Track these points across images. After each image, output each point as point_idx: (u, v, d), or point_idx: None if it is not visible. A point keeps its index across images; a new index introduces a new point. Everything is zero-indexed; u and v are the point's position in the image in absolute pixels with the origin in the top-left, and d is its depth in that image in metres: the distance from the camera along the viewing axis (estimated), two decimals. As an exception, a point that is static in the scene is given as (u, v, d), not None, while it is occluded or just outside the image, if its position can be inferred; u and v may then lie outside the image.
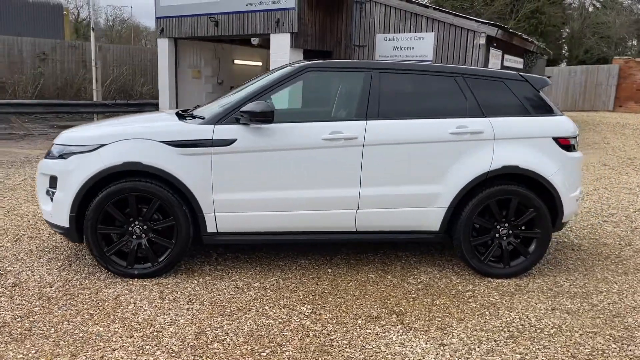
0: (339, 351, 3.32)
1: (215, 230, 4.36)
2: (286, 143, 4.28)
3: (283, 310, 3.85)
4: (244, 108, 4.17)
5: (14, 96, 17.46)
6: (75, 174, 4.19)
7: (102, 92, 18.80)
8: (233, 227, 4.37)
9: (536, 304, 4.08)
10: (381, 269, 4.72)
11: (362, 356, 3.27)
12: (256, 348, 3.32)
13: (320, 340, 3.44)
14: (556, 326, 3.73)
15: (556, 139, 4.51)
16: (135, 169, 4.17)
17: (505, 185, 4.44)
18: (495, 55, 11.93)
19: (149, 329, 3.51)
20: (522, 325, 3.73)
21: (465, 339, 3.51)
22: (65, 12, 27.74)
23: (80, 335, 3.40)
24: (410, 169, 4.40)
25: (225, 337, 3.44)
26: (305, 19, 12.42)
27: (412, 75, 4.58)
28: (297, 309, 3.88)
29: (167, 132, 4.26)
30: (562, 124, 4.57)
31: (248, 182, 4.29)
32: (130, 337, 3.39)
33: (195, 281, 4.31)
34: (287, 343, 3.39)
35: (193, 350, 3.26)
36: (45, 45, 19.17)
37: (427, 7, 11.94)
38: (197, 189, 4.23)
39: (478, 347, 3.42)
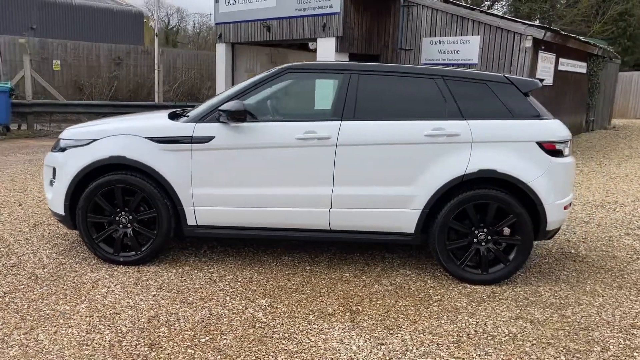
0: (275, 343, 3.41)
1: (195, 224, 4.57)
2: (261, 141, 4.42)
3: (242, 302, 4.00)
4: (222, 107, 4.37)
5: (91, 98, 18.77)
6: (69, 165, 4.55)
7: (171, 95, 19.83)
8: (211, 221, 4.57)
9: (502, 311, 3.97)
10: (360, 269, 4.75)
11: (296, 349, 3.35)
12: (199, 335, 3.48)
13: (262, 332, 3.55)
14: (511, 335, 3.62)
15: (540, 144, 4.36)
16: (121, 163, 4.47)
17: (482, 190, 4.35)
18: (546, 59, 11.47)
19: (110, 310, 3.77)
20: (474, 331, 3.66)
21: (407, 340, 3.50)
22: (145, 20, 29.45)
23: (47, 312, 3.72)
24: (384, 170, 4.40)
25: (175, 322, 3.63)
26: (351, 23, 12.53)
27: (392, 77, 4.59)
28: (257, 302, 4.01)
29: (152, 129, 4.53)
30: (547, 128, 4.41)
31: (225, 178, 4.48)
32: (90, 317, 3.66)
33: (174, 270, 4.55)
34: (230, 332, 3.53)
35: (140, 332, 3.48)
36: (120, 50, 20.46)
37: (473, 9, 11.69)
38: (177, 183, 4.47)
39: (417, 349, 3.39)
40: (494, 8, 31.34)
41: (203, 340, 3.41)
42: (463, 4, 12.07)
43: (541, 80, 4.75)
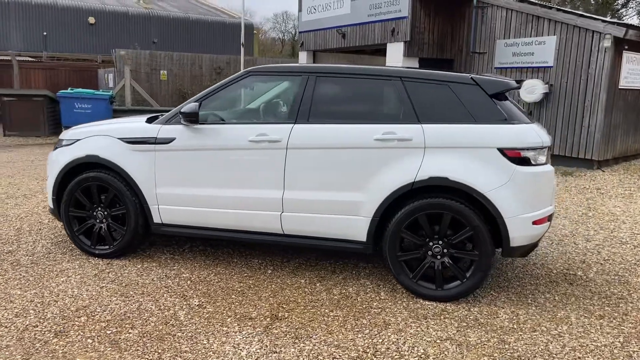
0: (173, 341, 3.44)
1: (160, 222, 4.75)
2: (216, 143, 4.49)
3: (176, 300, 4.07)
4: (181, 109, 4.51)
5: (192, 104, 20.12)
6: (56, 162, 4.95)
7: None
8: (173, 220, 4.71)
9: (435, 331, 3.65)
10: (322, 276, 4.62)
11: (187, 349, 3.35)
12: (109, 327, 3.61)
13: (169, 330, 3.59)
14: (423, 356, 3.32)
15: (502, 150, 3.95)
16: (96, 162, 4.77)
17: (434, 199, 4.04)
18: (632, 60, 10.28)
19: (52, 297, 4.05)
20: (386, 348, 3.40)
21: (305, 351, 3.35)
22: (255, 31, 30.91)
23: (-1, 295, 4.09)
24: (334, 175, 4.25)
25: (98, 314, 3.80)
26: (420, 27, 12.18)
27: (349, 79, 4.42)
28: (190, 301, 4.06)
29: (125, 130, 4.79)
30: (512, 133, 3.97)
31: (183, 178, 4.60)
32: (30, 302, 3.95)
33: (139, 266, 4.75)
34: (140, 327, 3.62)
35: (59, 320, 3.69)
36: (221, 60, 21.69)
37: (549, 8, 10.78)
38: (143, 182, 4.68)
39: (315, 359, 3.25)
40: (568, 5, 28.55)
41: (109, 332, 3.54)
42: (538, 2, 11.18)
43: (518, 81, 4.31)
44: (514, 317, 3.90)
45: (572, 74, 10.36)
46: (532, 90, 10.71)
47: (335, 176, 4.25)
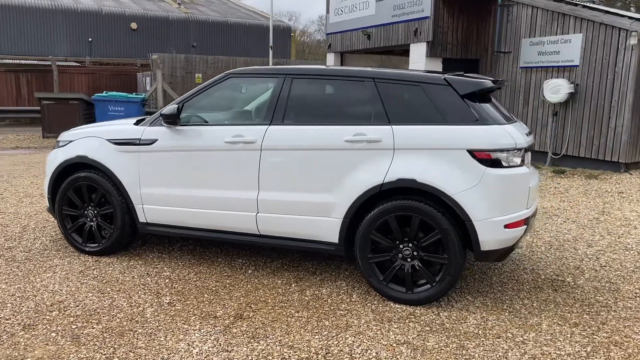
0: (131, 337, 3.52)
1: (145, 221, 4.87)
2: (195, 144, 4.57)
3: (148, 297, 4.17)
4: (162, 111, 4.62)
5: (226, 107, 20.51)
6: (52, 163, 5.16)
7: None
8: (157, 220, 4.82)
9: (394, 335, 3.59)
10: (300, 277, 4.63)
11: (142, 345, 3.43)
12: (77, 321, 3.73)
13: (132, 326, 3.68)
14: (375, 359, 3.28)
15: (472, 152, 3.86)
16: (85, 162, 4.94)
17: (403, 201, 3.98)
18: (663, 58, 9.79)
19: (33, 292, 4.21)
20: (338, 350, 3.38)
21: (257, 351, 3.36)
22: (292, 34, 31.18)
23: (-16, 288, 4.29)
24: (305, 176, 4.26)
25: (71, 308, 3.93)
26: (443, 27, 12.01)
27: (323, 81, 4.43)
28: (161, 299, 4.15)
29: (112, 132, 4.94)
30: (482, 134, 3.87)
31: (165, 179, 4.70)
32: (10, 296, 4.13)
33: (125, 263, 4.88)
34: (105, 322, 3.72)
35: (33, 313, 3.84)
36: (255, 63, 21.98)
37: (575, 4, 10.42)
38: (128, 182, 4.81)
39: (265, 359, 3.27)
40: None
41: (74, 327, 3.66)
42: (564, -1, 10.82)
43: (496, 81, 4.20)
44: (482, 323, 3.80)
45: (599, 73, 9.98)
46: (557, 90, 10.38)
47: (308, 177, 4.25)
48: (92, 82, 22.05)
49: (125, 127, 4.94)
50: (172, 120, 4.52)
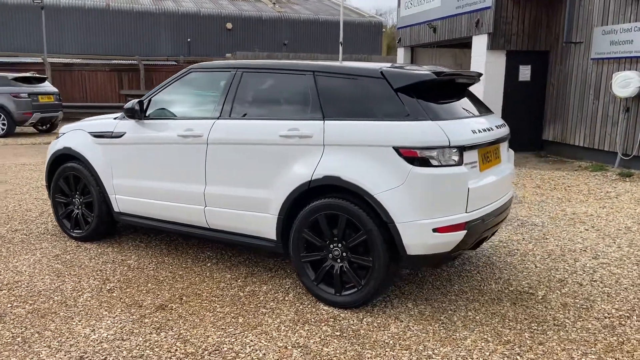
0: (50, 320, 3.68)
1: (119, 210, 5.09)
2: (154, 137, 4.69)
3: (93, 283, 4.33)
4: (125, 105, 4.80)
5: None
6: (48, 154, 5.56)
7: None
8: (127, 209, 5.02)
9: (296, 338, 3.44)
10: (253, 273, 4.57)
11: (53, 328, 3.57)
12: (16, 301, 3.98)
13: (58, 309, 3.84)
14: (263, 359, 3.19)
15: (397, 149, 3.59)
16: (70, 154, 5.27)
17: (329, 199, 3.81)
18: None
19: (9, 275, 4.56)
20: (228, 348, 3.31)
21: (151, 342, 3.39)
22: (384, 29, 30.82)
23: (-35, 266, 4.71)
24: (244, 171, 4.21)
25: (19, 289, 4.20)
26: (507, 17, 11.26)
27: (269, 75, 4.34)
28: (107, 285, 4.29)
29: (94, 125, 5.21)
30: (409, 131, 3.57)
31: (131, 170, 4.87)
32: (-18, 276, 4.53)
33: (100, 250, 5.12)
34: (38, 304, 3.93)
35: (7, 298, 4.08)
36: (334, 59, 22.03)
37: (651, -13, 9.27)
38: (102, 173, 5.06)
39: (149, 349, 3.29)
40: None
41: (8, 306, 3.91)
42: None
43: (439, 73, 3.86)
44: (401, 333, 3.53)
45: (675, 64, 8.82)
46: (626, 84, 9.33)
47: (247, 172, 4.21)
48: (184, 80, 23.30)
49: (104, 121, 5.19)
50: (132, 114, 4.69)
